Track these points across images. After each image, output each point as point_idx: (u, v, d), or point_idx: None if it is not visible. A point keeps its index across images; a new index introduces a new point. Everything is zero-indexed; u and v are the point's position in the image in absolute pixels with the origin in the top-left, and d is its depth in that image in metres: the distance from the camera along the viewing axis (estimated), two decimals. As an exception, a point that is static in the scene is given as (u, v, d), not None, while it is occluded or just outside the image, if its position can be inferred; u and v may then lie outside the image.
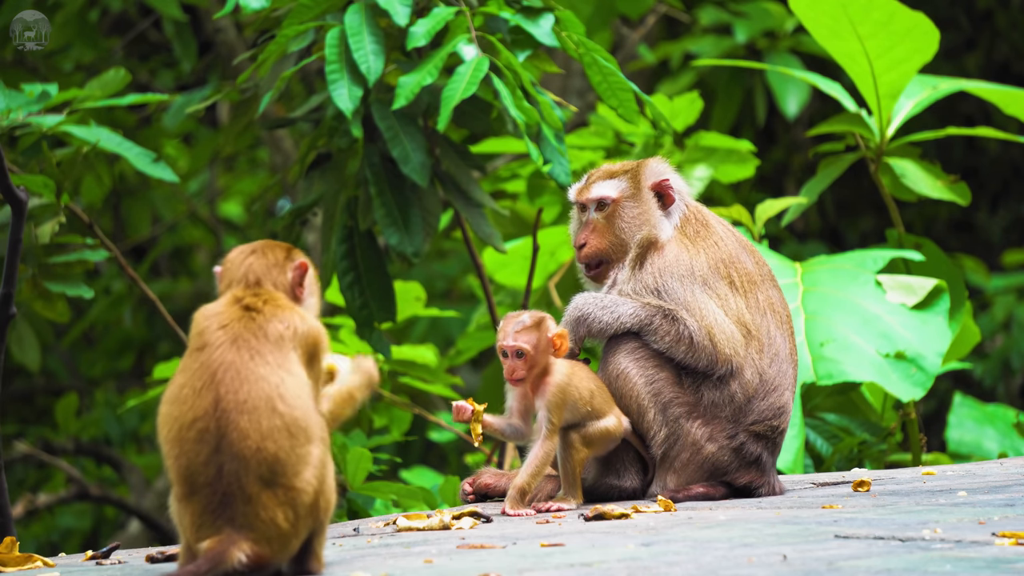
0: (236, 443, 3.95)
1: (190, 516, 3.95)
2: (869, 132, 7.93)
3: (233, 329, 4.07)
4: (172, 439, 3.99)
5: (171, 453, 3.99)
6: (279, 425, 3.98)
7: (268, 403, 3.99)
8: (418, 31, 6.44)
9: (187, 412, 3.99)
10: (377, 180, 6.76)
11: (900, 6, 7.61)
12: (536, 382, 5.30)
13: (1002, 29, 14.21)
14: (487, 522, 5.04)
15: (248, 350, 4.03)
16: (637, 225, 5.61)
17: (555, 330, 5.30)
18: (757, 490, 5.48)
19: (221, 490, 3.94)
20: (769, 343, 5.51)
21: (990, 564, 3.77)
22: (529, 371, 5.28)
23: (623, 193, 5.64)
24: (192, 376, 4.02)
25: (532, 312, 5.36)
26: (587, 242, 5.66)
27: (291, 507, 3.97)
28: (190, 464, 3.96)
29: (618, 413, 5.38)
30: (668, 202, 5.64)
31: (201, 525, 3.94)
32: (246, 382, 3.99)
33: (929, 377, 7.10)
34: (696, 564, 3.91)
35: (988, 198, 14.95)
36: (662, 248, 5.55)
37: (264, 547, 3.94)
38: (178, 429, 3.98)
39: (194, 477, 3.95)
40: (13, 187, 6.31)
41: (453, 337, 11.86)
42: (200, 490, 3.95)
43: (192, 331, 4.11)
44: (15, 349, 9.42)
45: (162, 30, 12.48)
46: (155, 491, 12.33)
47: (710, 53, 11.88)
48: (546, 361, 5.29)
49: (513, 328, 5.29)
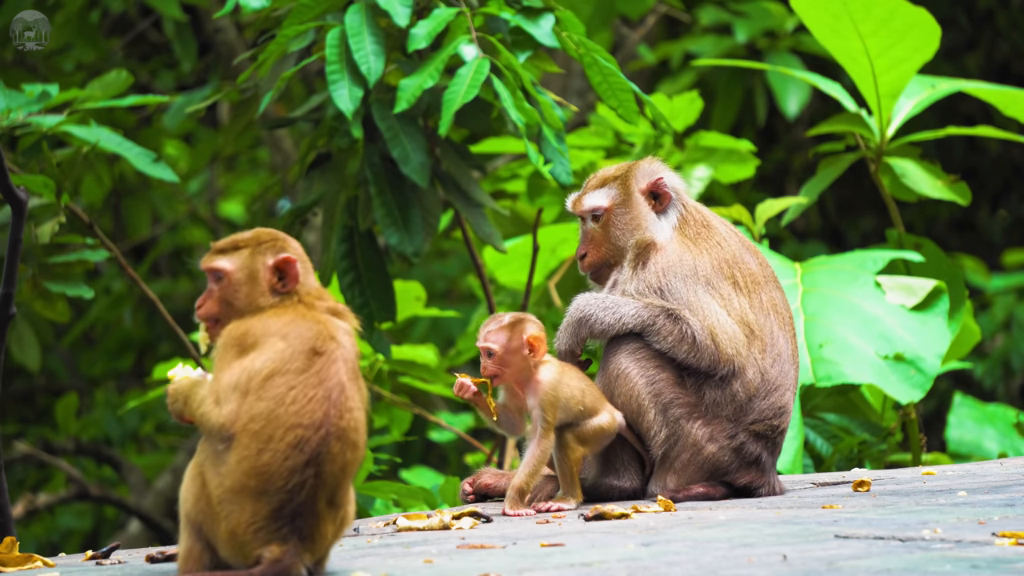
0: (325, 464, 3.96)
1: (251, 513, 3.92)
2: (869, 132, 7.93)
3: (341, 342, 4.06)
4: (262, 434, 3.94)
5: (253, 445, 3.93)
6: (357, 459, 4.03)
7: (356, 436, 4.03)
8: (419, 33, 6.44)
9: (290, 415, 3.95)
10: (377, 180, 6.76)
11: (902, 2, 7.61)
12: (527, 382, 5.30)
13: (1003, 29, 14.21)
14: (487, 522, 5.05)
15: (351, 372, 4.05)
16: (630, 230, 5.60)
17: (532, 332, 5.30)
18: (757, 490, 5.48)
19: (297, 501, 3.94)
20: (772, 343, 5.51)
21: (990, 564, 3.77)
22: (501, 369, 5.28)
23: (614, 201, 5.63)
24: (304, 382, 3.98)
25: (513, 314, 5.37)
26: (586, 253, 5.67)
27: (338, 525, 4.03)
28: (273, 464, 3.92)
29: (610, 409, 5.39)
30: (664, 201, 5.62)
31: (263, 528, 3.92)
32: (347, 411, 4.01)
33: (928, 379, 7.09)
34: (696, 564, 3.91)
35: (988, 198, 14.95)
36: (662, 248, 5.54)
37: (312, 560, 4.01)
38: (273, 427, 3.94)
39: (273, 479, 3.92)
40: (13, 187, 6.31)
41: (454, 337, 11.86)
42: (274, 493, 3.91)
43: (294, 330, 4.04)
44: (15, 349, 9.43)
45: (162, 30, 12.48)
46: (155, 491, 12.32)
47: (710, 53, 11.88)
48: (520, 362, 5.29)
49: (486, 328, 5.32)
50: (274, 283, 4.15)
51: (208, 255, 4.18)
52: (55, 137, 6.97)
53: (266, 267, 4.15)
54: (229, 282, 4.15)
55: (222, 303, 4.15)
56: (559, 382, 5.29)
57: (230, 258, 4.16)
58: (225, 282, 4.15)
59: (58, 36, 10.83)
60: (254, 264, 4.15)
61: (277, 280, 4.16)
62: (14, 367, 12.57)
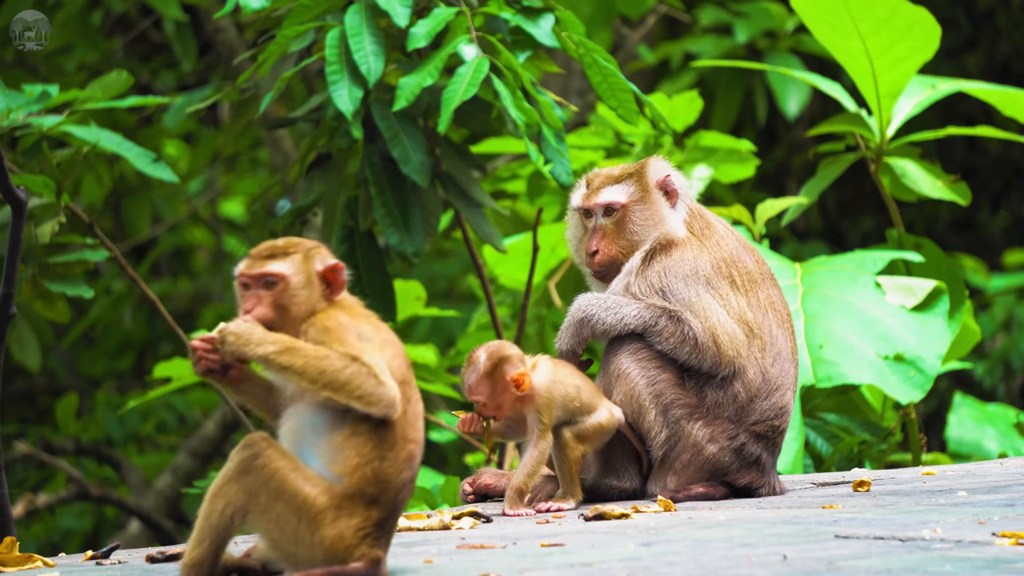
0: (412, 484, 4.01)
1: (360, 520, 3.90)
2: (869, 132, 7.93)
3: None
4: (385, 442, 3.95)
5: (375, 452, 3.92)
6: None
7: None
8: (419, 32, 6.44)
9: (408, 426, 3.97)
10: (377, 180, 6.76)
11: (902, 1, 7.60)
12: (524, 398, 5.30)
13: (1003, 29, 14.21)
14: (487, 522, 5.05)
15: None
16: (652, 225, 5.59)
17: (512, 374, 5.24)
18: (757, 490, 5.48)
19: (395, 515, 3.96)
20: (772, 342, 5.51)
21: (990, 564, 3.77)
22: (497, 410, 5.27)
23: (632, 197, 5.62)
24: (413, 394, 3.99)
25: (488, 351, 5.29)
26: (599, 249, 5.63)
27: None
28: (390, 476, 3.92)
29: (608, 405, 5.37)
30: (673, 198, 5.63)
31: (368, 536, 3.90)
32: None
33: (928, 379, 7.09)
34: (696, 564, 3.91)
35: (989, 198, 14.96)
36: (681, 244, 5.53)
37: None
38: (395, 437, 3.94)
39: (387, 490, 3.91)
40: (13, 187, 6.31)
41: (456, 337, 11.86)
42: (384, 504, 3.91)
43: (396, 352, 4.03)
44: (15, 349, 9.42)
45: (163, 30, 12.48)
46: (155, 491, 12.32)
47: (710, 53, 11.88)
48: (512, 396, 5.27)
49: (466, 379, 5.30)
50: (323, 289, 4.14)
51: (254, 261, 4.08)
52: (55, 137, 6.97)
53: (317, 272, 4.13)
54: (287, 286, 4.07)
55: (277, 308, 4.07)
56: (552, 382, 5.28)
57: (284, 263, 4.10)
58: (281, 287, 4.07)
59: (58, 36, 10.83)
60: (308, 269, 4.12)
61: (325, 286, 4.14)
62: (14, 367, 12.57)
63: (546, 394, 5.26)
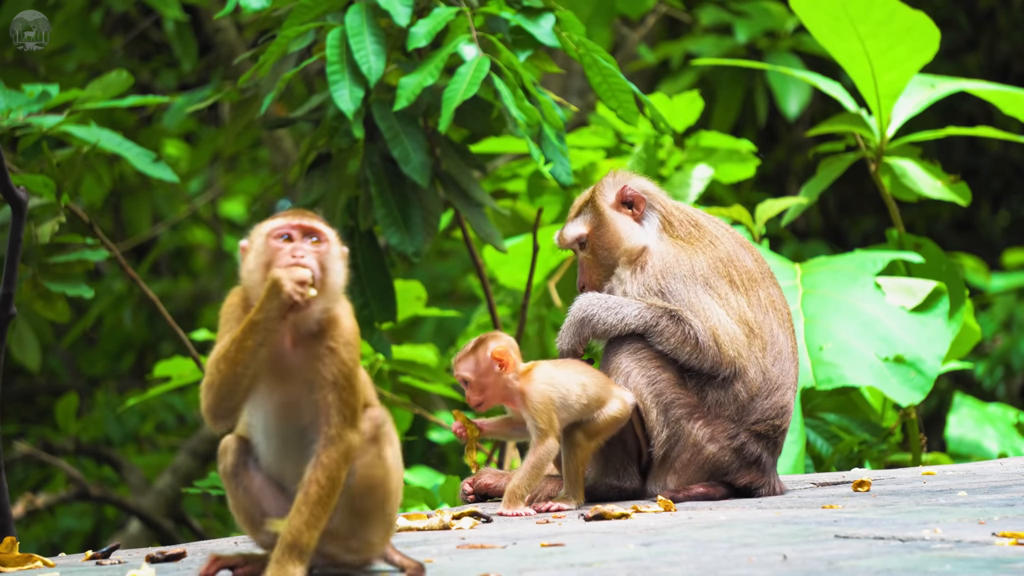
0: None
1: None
2: (869, 132, 7.93)
3: None
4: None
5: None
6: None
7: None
8: (419, 32, 6.44)
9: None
10: (377, 180, 6.76)
11: (900, 5, 7.61)
12: (514, 396, 5.29)
13: (1003, 29, 14.22)
14: (487, 522, 5.05)
15: None
16: (614, 245, 5.61)
17: (494, 348, 5.27)
18: (757, 490, 5.48)
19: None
20: (772, 341, 5.51)
21: (990, 564, 3.77)
22: (482, 394, 5.28)
23: (590, 224, 5.65)
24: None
25: (480, 336, 5.35)
26: (585, 283, 5.69)
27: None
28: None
29: (619, 393, 5.35)
30: (639, 206, 5.63)
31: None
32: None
33: (928, 381, 7.09)
34: (696, 564, 3.91)
35: (989, 198, 14.97)
36: (653, 252, 5.54)
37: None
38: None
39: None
40: (13, 187, 6.31)
41: (457, 338, 11.86)
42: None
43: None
44: (15, 349, 9.42)
45: (163, 30, 12.48)
46: (155, 491, 12.32)
47: (711, 53, 11.88)
48: (497, 380, 5.28)
49: (455, 359, 5.34)
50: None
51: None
52: (55, 137, 6.97)
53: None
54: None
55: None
56: (548, 385, 5.26)
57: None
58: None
59: (58, 36, 10.83)
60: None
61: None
62: (14, 367, 12.57)
63: (540, 397, 5.24)
